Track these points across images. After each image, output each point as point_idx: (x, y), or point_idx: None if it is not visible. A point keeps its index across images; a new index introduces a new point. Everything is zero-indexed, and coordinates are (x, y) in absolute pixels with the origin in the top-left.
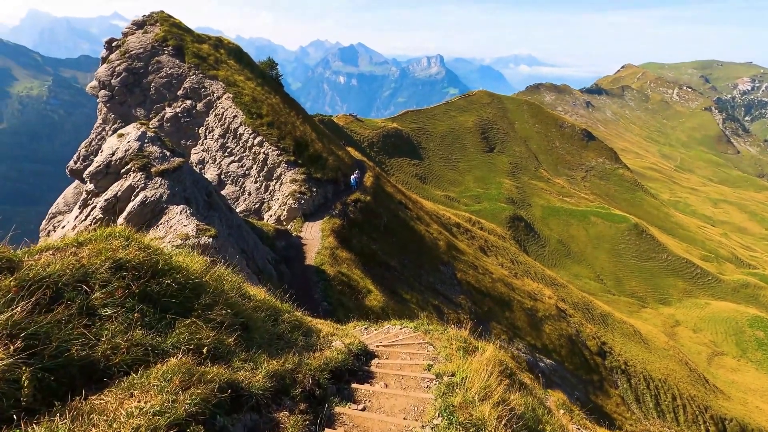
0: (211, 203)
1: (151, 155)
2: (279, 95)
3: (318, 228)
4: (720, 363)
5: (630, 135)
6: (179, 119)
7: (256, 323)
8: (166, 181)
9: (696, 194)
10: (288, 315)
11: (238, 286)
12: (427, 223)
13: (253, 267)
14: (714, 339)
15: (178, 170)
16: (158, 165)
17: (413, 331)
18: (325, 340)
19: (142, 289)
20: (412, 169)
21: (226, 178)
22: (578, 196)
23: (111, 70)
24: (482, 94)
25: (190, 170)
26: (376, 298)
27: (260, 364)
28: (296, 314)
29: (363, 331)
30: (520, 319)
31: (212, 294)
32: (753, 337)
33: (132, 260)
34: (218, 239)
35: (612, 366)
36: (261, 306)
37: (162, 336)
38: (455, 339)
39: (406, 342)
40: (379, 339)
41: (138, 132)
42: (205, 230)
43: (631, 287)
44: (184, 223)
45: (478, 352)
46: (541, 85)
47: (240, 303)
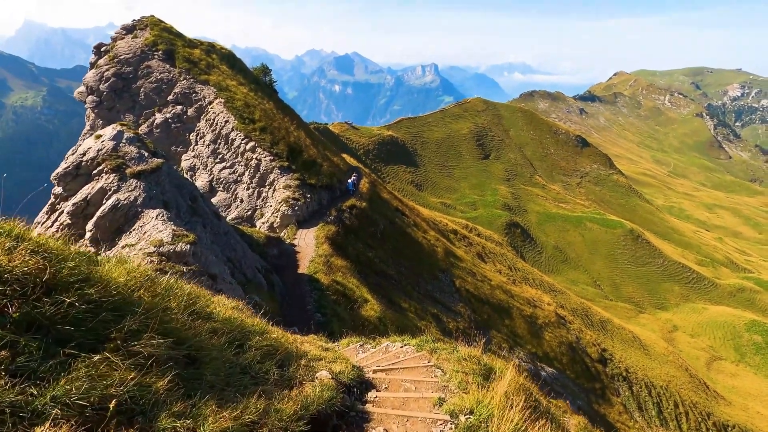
0: (196, 209)
1: (127, 156)
2: (273, 101)
3: (312, 235)
4: (719, 368)
5: (623, 141)
6: (169, 125)
7: (209, 354)
8: (142, 184)
9: (690, 199)
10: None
11: (190, 302)
12: (424, 230)
13: (240, 276)
14: (712, 344)
15: (156, 172)
16: (134, 166)
17: (416, 350)
18: (308, 369)
19: (27, 311)
20: (408, 177)
21: (217, 184)
22: (574, 202)
23: (99, 75)
24: (477, 101)
25: (172, 173)
26: (373, 307)
27: (203, 419)
28: (272, 336)
29: (358, 350)
30: (520, 327)
31: (144, 315)
32: (751, 342)
33: (15, 269)
34: (198, 246)
35: (613, 373)
36: (222, 328)
37: (43, 386)
38: (467, 360)
39: (409, 365)
40: (376, 360)
41: (114, 131)
42: (183, 236)
43: (628, 293)
44: (159, 228)
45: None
46: (535, 93)
47: (188, 326)
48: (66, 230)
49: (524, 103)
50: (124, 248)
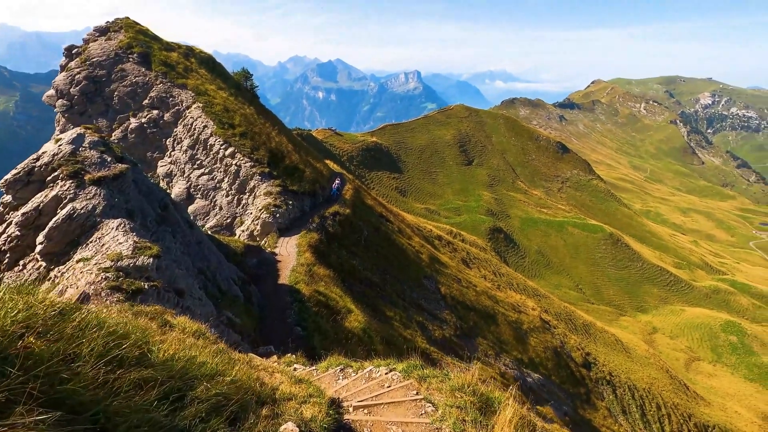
0: (166, 217)
1: (87, 161)
2: (253, 106)
3: (294, 243)
4: (697, 368)
5: (602, 147)
6: (145, 130)
7: (126, 420)
8: (102, 191)
9: (666, 204)
10: (208, 385)
11: (112, 345)
12: (409, 236)
13: (214, 289)
14: (690, 345)
15: (119, 178)
16: (94, 172)
17: (403, 376)
18: (270, 422)
19: None
20: (392, 183)
21: (195, 191)
22: (555, 207)
23: (70, 78)
24: (460, 108)
25: (140, 179)
26: (357, 318)
27: None
28: (226, 379)
29: (338, 375)
30: (506, 333)
31: (21, 378)
32: (727, 342)
33: None
34: (163, 259)
35: (597, 377)
36: (155, 377)
37: None
38: (461, 390)
39: (395, 397)
40: (358, 389)
41: (74, 135)
42: (145, 248)
43: (609, 296)
44: (119, 240)
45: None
46: (516, 100)
47: (100, 382)
48: (14, 243)
49: (506, 110)
50: (79, 263)
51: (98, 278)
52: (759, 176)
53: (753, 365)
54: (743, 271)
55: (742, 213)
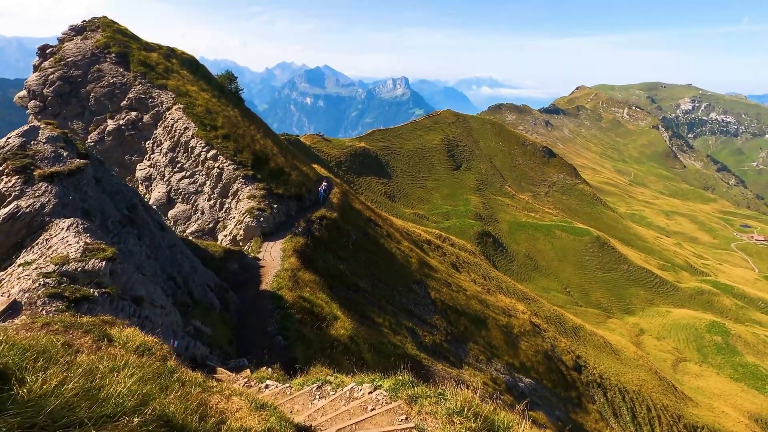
0: (133, 219)
1: (38, 155)
2: (238, 108)
3: (279, 248)
4: (684, 369)
5: (587, 152)
6: (123, 132)
7: None
8: (54, 188)
9: (650, 207)
10: None
11: None
12: (398, 241)
13: (184, 296)
14: (677, 346)
15: (76, 174)
16: (46, 167)
17: (390, 398)
18: None
19: None
20: (381, 188)
21: (176, 195)
22: (542, 211)
23: (43, 78)
24: (447, 113)
25: (104, 177)
26: (344, 325)
27: None
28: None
29: (314, 394)
30: (497, 338)
31: None
32: (712, 342)
33: None
34: (119, 263)
35: (588, 380)
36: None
37: None
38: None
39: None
40: (336, 413)
41: (25, 128)
42: (98, 251)
43: (597, 298)
44: (69, 242)
45: None
46: (502, 106)
47: None
48: None
49: (493, 115)
50: (19, 267)
51: (35, 285)
52: (738, 179)
53: (738, 365)
54: (725, 272)
55: (723, 215)
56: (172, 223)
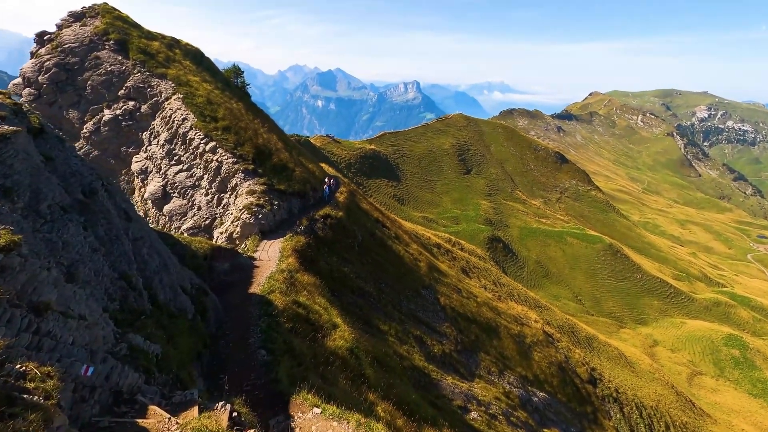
0: (88, 205)
1: None
2: (243, 102)
3: (278, 247)
4: (700, 383)
5: (599, 159)
6: (120, 123)
7: None
8: None
9: (664, 215)
10: None
11: None
12: (406, 243)
13: (139, 301)
14: (692, 358)
15: (1, 143)
16: None
17: None
18: None
19: None
20: (390, 191)
21: (172, 189)
22: (554, 217)
23: (39, 65)
24: (459, 117)
25: (60, 156)
26: (343, 335)
27: None
28: None
29: None
30: (509, 348)
31: None
32: (729, 356)
33: None
34: (18, 257)
35: (603, 394)
36: None
37: None
38: None
39: None
40: None
41: None
42: None
43: (609, 307)
44: None
45: None
46: (514, 110)
47: None
48: None
49: (504, 120)
50: None
51: None
52: (755, 189)
53: (756, 380)
54: (742, 283)
55: (740, 225)
56: (167, 219)
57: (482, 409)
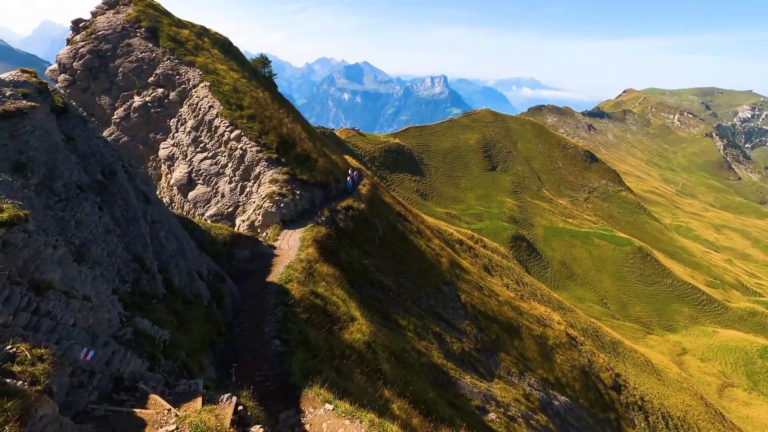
0: (107, 186)
1: None
2: (269, 92)
3: (298, 237)
4: (731, 395)
5: (631, 158)
6: (149, 109)
7: None
8: None
9: (698, 219)
10: None
11: None
12: (428, 238)
13: (151, 284)
14: (723, 369)
15: (14, 118)
16: None
17: None
18: None
19: None
20: (414, 185)
21: (197, 176)
22: (581, 218)
23: (73, 52)
24: (485, 112)
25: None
26: (361, 329)
27: None
28: None
29: None
30: (530, 349)
31: None
32: (764, 369)
33: None
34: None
35: (628, 402)
36: None
37: None
38: None
39: None
40: None
41: None
42: None
43: (636, 312)
44: None
45: None
46: (543, 107)
47: None
48: None
49: (533, 116)
50: None
51: None
52: None
53: None
54: None
55: None
56: (191, 206)
57: (501, 410)
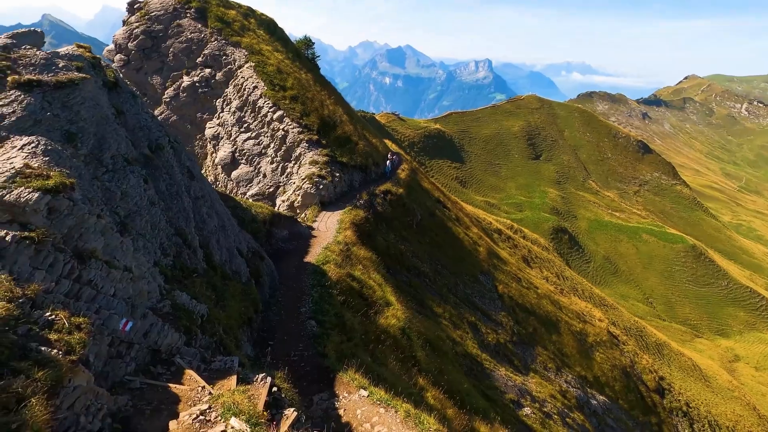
0: (153, 160)
1: (22, 60)
2: (312, 74)
3: (336, 219)
4: None
5: (689, 150)
6: (197, 89)
7: None
8: (28, 99)
9: (762, 218)
10: None
11: None
12: (467, 226)
13: (192, 258)
14: None
15: (67, 88)
16: (29, 73)
17: None
18: None
19: None
20: (453, 172)
21: (240, 156)
22: (629, 211)
23: (129, 32)
24: (531, 98)
25: (130, 109)
26: (396, 314)
27: None
28: None
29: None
30: (569, 345)
31: None
32: None
33: None
34: (67, 200)
35: (672, 407)
36: None
37: None
38: None
39: None
40: None
41: (22, 30)
42: (36, 177)
43: (684, 314)
44: (14, 163)
45: None
46: (594, 93)
47: None
48: None
49: (582, 103)
50: None
51: None
52: None
53: None
54: None
55: None
56: (234, 185)
57: (536, 405)
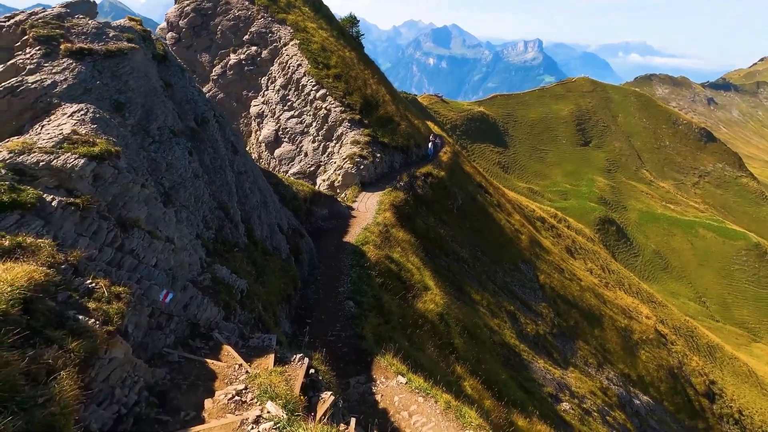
0: (198, 133)
1: (75, 28)
2: (356, 52)
3: (376, 200)
4: None
5: (760, 140)
6: (243, 67)
7: None
8: (79, 67)
9: None
10: None
11: None
12: (509, 213)
13: (233, 233)
14: None
15: (116, 57)
16: (80, 42)
17: None
18: None
19: None
20: (495, 157)
21: (283, 134)
22: (686, 204)
23: (180, 10)
24: (583, 81)
25: (177, 81)
26: (434, 299)
27: None
28: None
29: None
30: (612, 341)
31: None
32: None
33: None
34: (112, 168)
35: (723, 413)
36: None
37: None
38: None
39: None
40: None
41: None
42: (83, 144)
43: (741, 315)
44: (62, 129)
45: None
46: (653, 76)
47: None
48: None
49: (640, 86)
50: None
51: None
52: None
53: None
54: None
55: None
56: (277, 162)
57: (575, 401)
